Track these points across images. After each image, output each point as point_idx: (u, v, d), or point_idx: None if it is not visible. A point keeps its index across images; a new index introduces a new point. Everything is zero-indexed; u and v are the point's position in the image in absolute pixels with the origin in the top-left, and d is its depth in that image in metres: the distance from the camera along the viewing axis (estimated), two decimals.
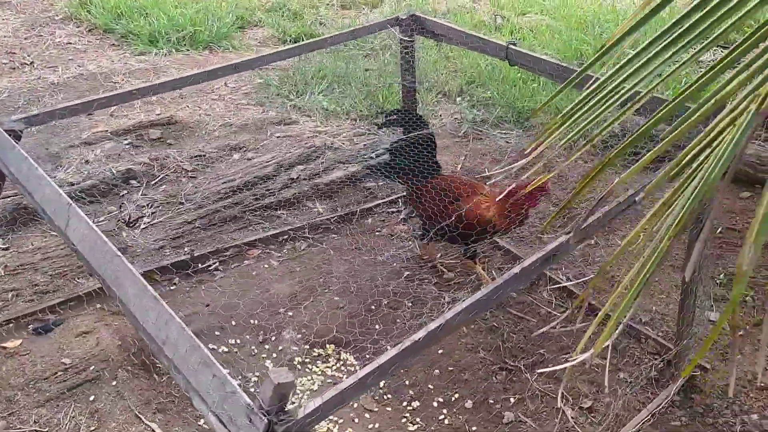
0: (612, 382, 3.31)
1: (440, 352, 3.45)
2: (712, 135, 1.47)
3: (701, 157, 1.51)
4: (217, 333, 3.50)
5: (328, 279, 3.88)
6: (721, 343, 3.55)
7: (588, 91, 1.69)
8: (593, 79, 1.70)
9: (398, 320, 3.62)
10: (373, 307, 3.69)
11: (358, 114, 5.66)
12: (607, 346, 3.38)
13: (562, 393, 3.24)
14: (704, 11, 1.46)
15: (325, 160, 4.82)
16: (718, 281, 3.99)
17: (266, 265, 3.98)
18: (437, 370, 3.37)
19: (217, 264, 3.93)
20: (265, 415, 1.33)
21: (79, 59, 6.46)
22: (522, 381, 3.31)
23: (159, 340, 1.58)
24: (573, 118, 1.79)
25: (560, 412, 3.14)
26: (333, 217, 4.35)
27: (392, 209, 4.56)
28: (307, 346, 3.48)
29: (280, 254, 4.09)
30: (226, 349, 3.44)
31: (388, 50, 6.32)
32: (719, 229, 4.37)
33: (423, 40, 4.20)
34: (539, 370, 3.30)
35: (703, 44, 1.53)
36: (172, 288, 3.78)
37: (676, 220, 1.52)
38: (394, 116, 3.97)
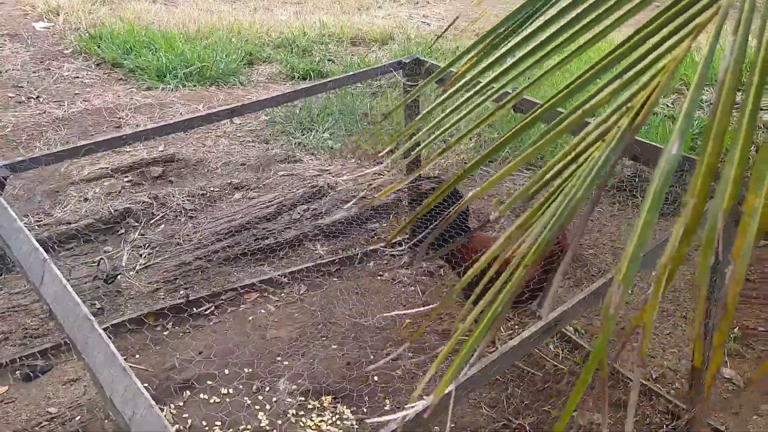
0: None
1: None
2: (578, 149, 1.33)
3: (565, 174, 1.37)
4: (209, 382, 3.37)
5: (327, 325, 3.76)
6: (735, 402, 3.38)
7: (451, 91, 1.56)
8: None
9: (398, 371, 3.48)
10: (372, 356, 3.56)
11: (364, 153, 5.58)
12: (617, 406, 3.22)
13: None
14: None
15: (329, 200, 4.73)
16: (732, 336, 3.83)
17: (263, 310, 3.86)
18: (437, 427, 3.22)
19: (212, 308, 3.82)
20: None
21: (85, 94, 6.45)
22: None
23: (126, 416, 1.47)
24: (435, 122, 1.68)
25: None
26: (334, 260, 4.24)
27: (395, 252, 4.45)
28: (302, 398, 3.34)
29: (278, 298, 3.97)
30: (218, 400, 3.30)
31: (396, 88, 6.27)
32: None
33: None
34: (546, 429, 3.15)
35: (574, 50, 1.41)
36: (165, 333, 3.66)
37: (534, 247, 1.36)
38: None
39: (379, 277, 4.20)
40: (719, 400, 3.34)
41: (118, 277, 3.38)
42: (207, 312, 3.79)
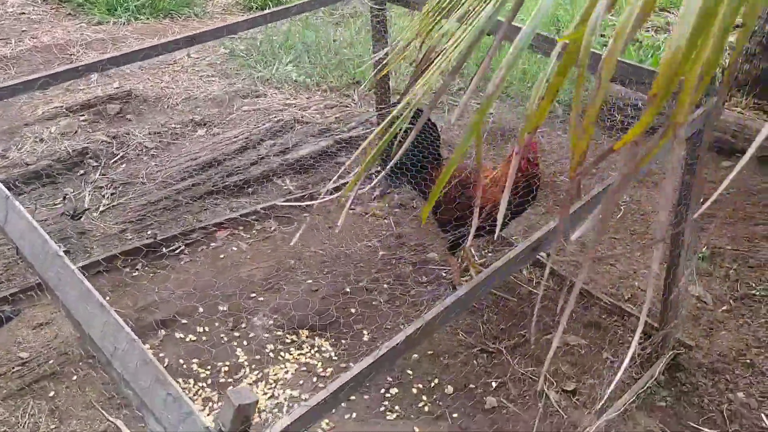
0: (596, 362, 3.21)
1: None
2: None
3: None
4: (184, 321, 3.33)
5: (301, 261, 3.72)
6: (704, 319, 3.47)
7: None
8: None
9: (375, 303, 3.48)
10: (348, 289, 3.54)
11: (328, 85, 5.44)
12: (591, 326, 3.27)
13: (545, 376, 3.13)
14: None
15: (296, 134, 4.61)
16: (700, 255, 3.90)
17: (235, 248, 3.80)
18: (416, 355, 3.24)
19: (183, 247, 3.74)
20: None
21: (33, 30, 6.12)
22: (503, 364, 3.20)
23: (107, 351, 1.41)
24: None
25: (543, 396, 3.04)
26: (304, 195, 4.17)
27: (366, 186, 4.38)
28: (280, 333, 3.32)
29: (249, 235, 3.91)
30: (194, 338, 3.26)
31: (359, 17, 6.09)
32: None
33: (395, 8, 3.99)
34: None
35: None
36: (135, 273, 3.58)
37: None
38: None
39: (351, 211, 4.15)
40: (689, 317, 3.43)
41: (86, 213, 3.25)
42: (178, 251, 3.71)
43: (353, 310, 3.43)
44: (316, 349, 3.28)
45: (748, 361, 3.24)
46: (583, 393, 3.06)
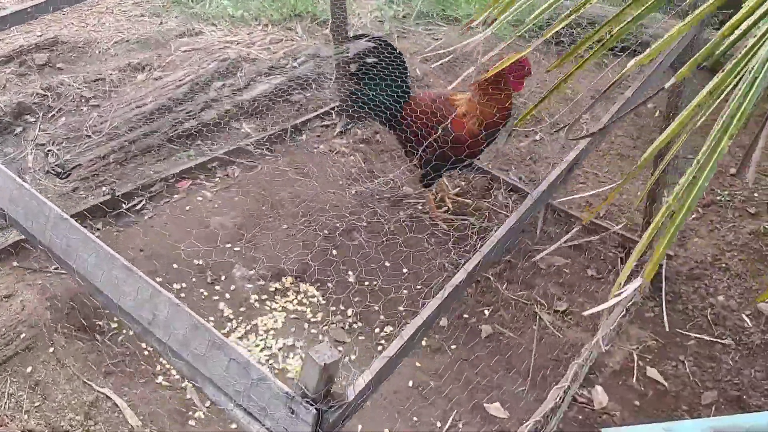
0: (581, 281, 3.25)
1: (404, 271, 3.26)
2: None
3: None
4: (158, 279, 3.13)
5: (272, 206, 3.55)
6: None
7: None
8: None
9: (355, 243, 3.38)
10: (326, 231, 3.42)
11: (269, 19, 5.15)
12: (572, 246, 3.29)
13: (536, 298, 3.15)
14: None
15: (245, 74, 4.36)
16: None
17: (200, 198, 3.59)
18: (405, 291, 3.19)
19: (144, 202, 3.50)
20: (311, 404, 1.07)
21: None
22: (493, 291, 3.19)
23: (144, 320, 1.27)
24: None
25: (537, 318, 3.07)
26: (264, 138, 3.96)
27: (326, 122, 4.22)
28: (262, 282, 3.19)
29: (212, 184, 3.70)
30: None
31: None
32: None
33: None
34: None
35: None
36: (96, 234, 3.34)
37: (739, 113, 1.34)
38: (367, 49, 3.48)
39: (315, 150, 3.99)
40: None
41: (75, 169, 2.89)
42: (139, 207, 3.48)
43: (335, 252, 3.33)
44: (302, 295, 3.18)
45: (723, 265, 3.35)
46: (575, 312, 3.10)
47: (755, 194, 3.78)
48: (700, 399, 2.79)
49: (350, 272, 3.25)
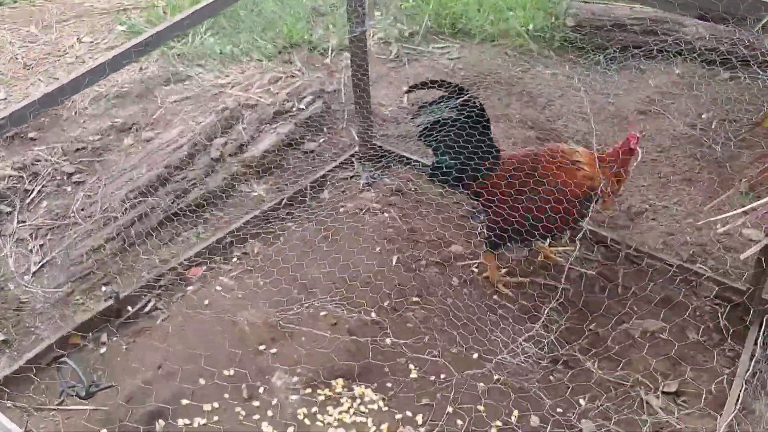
0: (685, 349, 2.75)
1: (474, 356, 2.73)
2: None
3: None
4: (184, 401, 2.60)
5: (304, 288, 3.02)
6: None
7: None
8: None
9: (409, 325, 2.86)
10: (374, 315, 2.90)
11: (262, 53, 4.59)
12: (660, 302, 2.75)
13: (638, 379, 2.64)
14: None
15: (247, 125, 3.80)
16: (741, 191, 3.50)
17: (218, 287, 3.04)
18: (481, 383, 2.66)
19: (153, 301, 2.95)
20: None
21: None
22: (584, 373, 2.68)
23: None
24: None
25: (644, 404, 2.56)
26: (281, 201, 3.42)
27: (348, 173, 3.68)
28: (309, 390, 2.66)
29: (230, 266, 3.15)
30: (204, 422, 2.55)
31: None
32: None
33: None
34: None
35: None
36: (103, 351, 2.79)
37: None
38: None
39: (342, 209, 3.45)
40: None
41: (101, 387, 2.30)
42: (148, 309, 2.93)
43: (388, 341, 2.80)
44: (358, 401, 2.65)
45: None
46: (688, 393, 2.60)
47: None
48: None
49: (411, 366, 2.73)
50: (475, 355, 2.74)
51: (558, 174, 2.76)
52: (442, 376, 2.68)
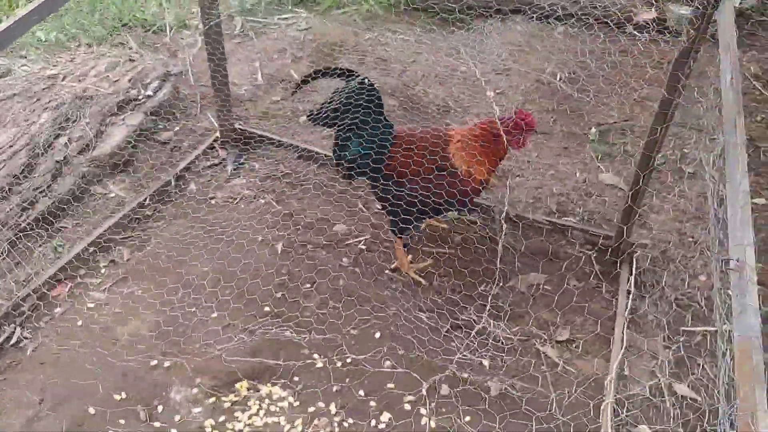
0: (569, 296, 2.91)
1: (377, 336, 2.72)
2: None
3: None
4: None
5: (187, 293, 2.83)
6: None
7: None
8: None
9: (307, 315, 2.78)
10: (267, 309, 2.78)
11: (92, 37, 4.16)
12: (538, 254, 2.89)
13: (532, 332, 2.77)
14: None
15: (90, 119, 3.45)
16: (592, 138, 3.74)
17: (90, 304, 2.77)
18: (387, 361, 2.65)
19: (18, 330, 2.63)
20: None
21: None
22: (484, 333, 2.76)
23: None
24: None
25: (542, 357, 2.69)
26: (144, 200, 3.16)
27: (214, 161, 3.47)
28: (212, 399, 2.51)
29: (99, 279, 2.88)
30: None
31: None
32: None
33: None
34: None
35: None
36: None
37: None
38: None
39: (213, 201, 3.26)
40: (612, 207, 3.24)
41: None
42: (14, 341, 2.60)
43: (288, 333, 2.71)
44: (267, 401, 2.54)
45: (690, 239, 3.18)
46: (578, 339, 2.76)
47: (685, 150, 3.66)
48: None
49: (315, 355, 2.66)
50: (378, 334, 2.73)
51: (447, 156, 2.76)
52: (348, 360, 2.64)
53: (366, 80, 2.73)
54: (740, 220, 1.57)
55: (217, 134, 3.53)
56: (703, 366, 2.66)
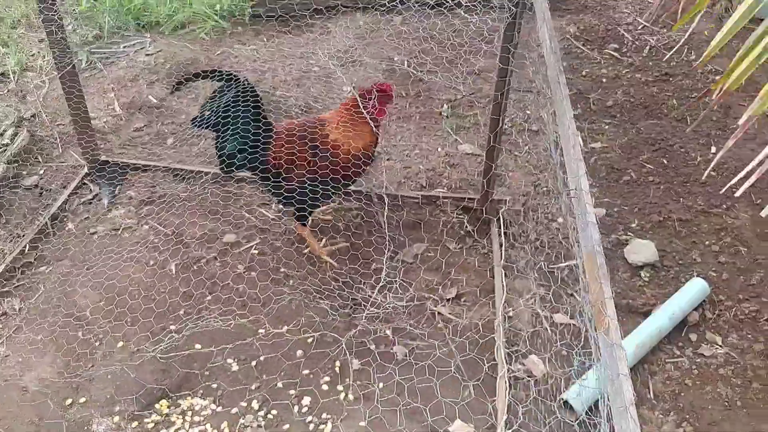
0: (450, 258, 3.20)
1: (284, 330, 2.87)
2: None
3: None
4: None
5: (89, 324, 2.84)
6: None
7: None
8: None
9: (212, 322, 2.88)
10: (173, 327, 2.86)
11: None
12: (420, 228, 3.15)
13: (424, 296, 3.02)
14: None
15: None
16: (445, 114, 4.05)
17: None
18: (300, 351, 2.81)
19: None
20: None
21: None
22: (380, 305, 2.98)
23: None
24: None
25: (436, 315, 2.96)
26: (24, 248, 3.12)
27: (86, 198, 3.46)
28: (135, 423, 2.57)
29: None
30: None
31: None
32: None
33: None
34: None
35: None
36: None
37: None
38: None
39: (95, 236, 3.26)
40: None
41: None
42: None
43: (198, 345, 2.81)
44: (190, 413, 2.63)
45: (545, 189, 3.56)
46: (466, 293, 3.05)
47: (527, 111, 4.06)
48: None
49: (229, 359, 2.78)
50: (284, 328, 2.88)
51: (323, 141, 2.97)
52: (262, 358, 2.77)
53: (245, 81, 2.90)
54: (573, 157, 1.87)
55: (86, 170, 3.52)
56: (573, 294, 3.02)
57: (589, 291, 1.47)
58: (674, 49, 4.51)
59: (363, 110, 2.95)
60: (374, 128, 3.02)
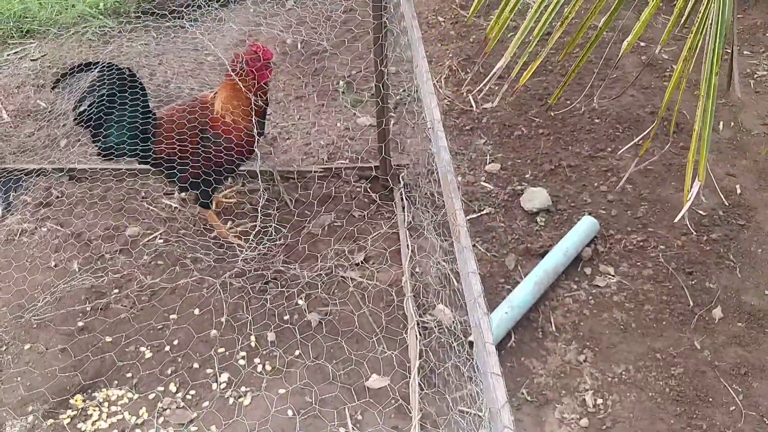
0: (356, 225, 3.27)
1: (196, 312, 2.88)
2: None
3: None
4: None
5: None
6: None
7: None
8: None
9: (122, 314, 2.86)
10: (81, 324, 2.83)
11: None
12: (324, 201, 3.22)
13: (335, 264, 3.09)
14: None
15: None
16: (341, 90, 4.12)
17: None
18: (215, 332, 2.83)
19: None
20: None
21: None
22: (293, 276, 3.03)
23: None
24: None
25: (348, 280, 3.03)
26: None
27: None
28: (50, 421, 2.54)
29: None
30: None
31: None
32: None
33: None
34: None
35: None
36: None
37: None
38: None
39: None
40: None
41: None
42: None
43: (108, 338, 2.79)
44: (107, 404, 2.62)
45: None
46: (374, 256, 3.13)
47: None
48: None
49: (142, 348, 2.77)
50: (197, 311, 2.89)
51: (207, 121, 2.97)
52: (176, 342, 2.78)
53: (128, 69, 2.89)
54: (426, 91, 1.99)
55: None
56: (475, 245, 3.15)
57: (446, 206, 1.60)
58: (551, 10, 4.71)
59: (237, 78, 2.92)
60: (259, 96, 2.99)
